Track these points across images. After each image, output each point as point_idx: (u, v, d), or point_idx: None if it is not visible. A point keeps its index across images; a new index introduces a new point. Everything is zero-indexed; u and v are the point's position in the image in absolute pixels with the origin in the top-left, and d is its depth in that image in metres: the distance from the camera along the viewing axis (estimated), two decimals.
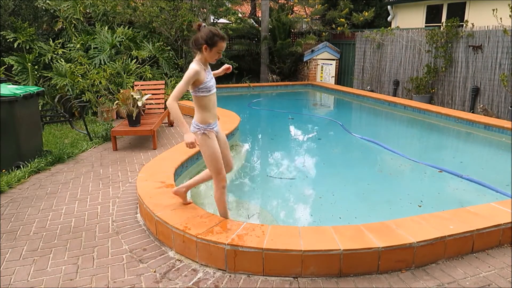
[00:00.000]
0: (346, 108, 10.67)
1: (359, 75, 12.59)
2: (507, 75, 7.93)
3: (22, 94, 4.80)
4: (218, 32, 2.84)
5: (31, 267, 2.85)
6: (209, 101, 2.97)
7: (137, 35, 9.55)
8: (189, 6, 10.84)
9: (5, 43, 8.56)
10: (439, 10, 11.27)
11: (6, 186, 4.33)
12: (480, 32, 8.60)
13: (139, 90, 6.32)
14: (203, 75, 2.88)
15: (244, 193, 4.59)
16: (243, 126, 7.61)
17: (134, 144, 6.23)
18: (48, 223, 3.55)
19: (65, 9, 9.04)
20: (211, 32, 2.82)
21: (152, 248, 3.07)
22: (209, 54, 2.87)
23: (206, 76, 2.92)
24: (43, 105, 7.89)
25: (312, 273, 2.66)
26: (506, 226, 3.00)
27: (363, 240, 2.73)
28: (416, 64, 10.35)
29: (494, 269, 2.73)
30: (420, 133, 7.72)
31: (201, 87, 2.88)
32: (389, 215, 3.56)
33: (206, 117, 2.97)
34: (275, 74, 13.78)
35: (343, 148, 6.72)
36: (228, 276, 2.70)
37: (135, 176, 4.69)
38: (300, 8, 15.42)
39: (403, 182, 5.00)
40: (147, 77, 8.41)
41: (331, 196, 4.41)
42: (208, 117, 2.98)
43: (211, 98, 2.98)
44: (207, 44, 2.83)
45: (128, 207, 3.84)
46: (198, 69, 2.82)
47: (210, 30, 2.84)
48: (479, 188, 4.53)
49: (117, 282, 2.66)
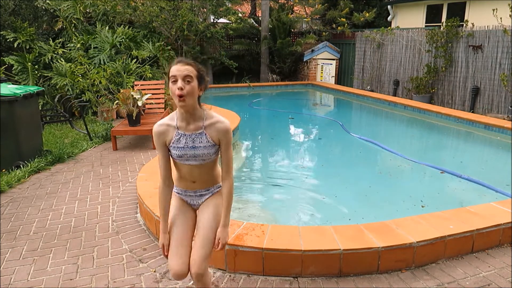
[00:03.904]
0: (346, 108, 10.67)
1: (359, 75, 12.58)
2: (507, 75, 7.93)
3: (22, 93, 4.80)
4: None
5: (31, 267, 2.85)
6: (177, 167, 2.11)
7: (137, 34, 9.55)
8: (189, 6, 10.84)
9: (5, 43, 8.56)
10: (439, 10, 11.27)
11: (6, 186, 4.33)
12: (480, 32, 8.60)
13: (139, 90, 6.32)
14: (167, 136, 2.02)
15: (244, 193, 4.59)
16: (243, 126, 7.60)
17: (134, 144, 6.23)
18: (48, 223, 3.55)
19: (65, 9, 9.03)
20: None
21: (152, 248, 3.07)
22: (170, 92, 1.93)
23: (174, 137, 2.01)
24: (43, 105, 7.89)
25: (312, 273, 2.66)
26: (506, 226, 3.00)
27: (363, 240, 2.73)
28: (416, 64, 10.35)
29: (494, 269, 2.73)
30: (420, 133, 7.72)
31: (169, 147, 2.04)
32: (390, 215, 3.56)
33: (176, 176, 2.17)
34: (275, 74, 13.78)
35: (343, 148, 6.71)
36: (228, 276, 2.70)
37: (135, 175, 4.69)
38: (300, 7, 15.40)
39: (403, 182, 4.99)
40: (147, 76, 8.40)
41: (332, 196, 4.41)
42: (177, 178, 2.16)
43: (181, 166, 2.08)
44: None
45: (128, 207, 3.84)
46: (155, 130, 2.03)
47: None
48: (479, 188, 4.53)
49: (117, 281, 2.66)
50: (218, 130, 2.01)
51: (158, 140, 2.02)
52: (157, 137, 2.02)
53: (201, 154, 2.01)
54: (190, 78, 1.89)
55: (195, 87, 1.92)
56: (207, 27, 11.49)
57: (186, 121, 2.00)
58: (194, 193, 2.17)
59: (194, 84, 1.91)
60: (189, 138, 2.00)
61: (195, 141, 2.00)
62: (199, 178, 2.12)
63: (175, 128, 2.01)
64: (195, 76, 1.91)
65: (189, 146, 2.00)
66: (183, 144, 2.00)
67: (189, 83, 1.89)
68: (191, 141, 2.00)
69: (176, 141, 2.00)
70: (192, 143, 2.00)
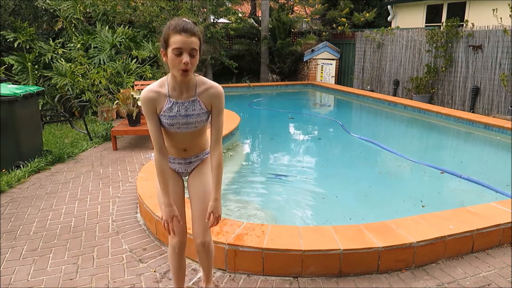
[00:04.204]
0: (346, 108, 10.67)
1: (359, 75, 12.58)
2: (507, 75, 7.93)
3: (22, 93, 4.80)
4: (172, 22, 1.80)
5: (31, 266, 2.85)
6: (168, 134, 2.03)
7: (137, 34, 9.55)
8: (189, 6, 10.84)
9: (5, 43, 8.56)
10: (439, 10, 11.27)
11: (6, 186, 4.33)
12: (480, 32, 8.60)
13: (139, 90, 6.32)
14: (158, 103, 1.92)
15: (244, 193, 4.59)
16: (243, 125, 7.60)
17: (134, 144, 6.23)
18: (48, 222, 3.55)
19: (65, 9, 9.03)
20: (166, 25, 1.83)
21: (152, 248, 3.07)
22: (169, 62, 1.81)
23: (165, 105, 1.92)
24: (43, 104, 7.89)
25: (312, 273, 2.66)
26: (506, 226, 3.00)
27: (363, 240, 2.73)
28: (416, 64, 10.35)
29: (494, 269, 2.73)
30: (420, 133, 7.72)
31: (160, 115, 1.95)
32: (390, 215, 3.56)
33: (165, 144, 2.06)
34: (275, 74, 13.77)
35: (343, 148, 6.71)
36: (228, 276, 2.70)
37: (135, 175, 4.69)
38: (300, 7, 15.40)
39: (403, 182, 4.99)
40: (148, 76, 8.41)
41: (332, 196, 4.41)
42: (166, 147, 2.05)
43: (172, 134, 2.02)
44: (162, 46, 1.84)
45: (128, 207, 3.84)
46: (144, 96, 1.90)
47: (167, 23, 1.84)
48: (479, 188, 4.53)
49: (117, 281, 2.66)
50: (211, 95, 1.95)
51: (148, 106, 1.90)
52: (147, 104, 1.89)
53: (193, 121, 1.96)
54: (196, 51, 1.79)
55: (198, 59, 1.82)
56: (207, 27, 11.49)
57: (179, 90, 1.92)
58: (184, 160, 2.13)
59: (198, 56, 1.82)
60: (181, 106, 1.92)
61: (188, 109, 1.94)
62: (189, 145, 2.08)
63: (166, 96, 1.91)
64: (198, 47, 1.81)
65: (182, 114, 1.93)
66: (175, 112, 1.92)
67: (193, 57, 1.79)
68: (183, 109, 1.93)
69: (168, 110, 1.92)
70: (185, 111, 1.93)
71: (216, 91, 1.96)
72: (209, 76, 12.81)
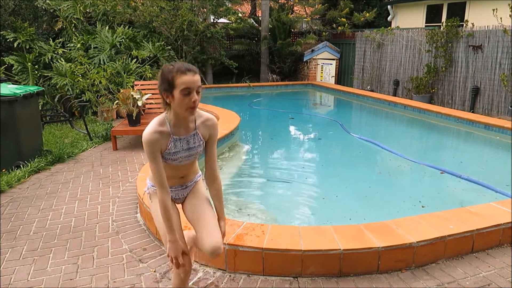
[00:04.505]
0: (346, 108, 10.67)
1: (359, 75, 12.58)
2: (507, 75, 7.93)
3: (22, 93, 4.80)
4: (172, 65, 1.85)
5: (31, 266, 2.85)
6: (168, 167, 2.05)
7: (137, 34, 9.55)
8: (189, 6, 10.84)
9: (5, 43, 8.57)
10: (439, 10, 11.27)
11: (6, 186, 4.33)
12: (480, 32, 8.60)
13: (139, 90, 6.32)
14: (162, 143, 1.94)
15: (244, 193, 4.59)
16: (243, 126, 7.60)
17: (134, 144, 6.23)
18: (48, 222, 3.55)
19: (65, 9, 9.04)
20: (164, 70, 1.86)
21: (152, 248, 3.07)
22: (176, 102, 1.84)
23: (169, 143, 1.95)
24: (43, 104, 7.89)
25: (312, 273, 2.66)
26: (506, 226, 3.00)
27: (363, 240, 2.73)
28: (416, 64, 10.35)
29: (494, 269, 2.73)
30: (420, 133, 7.72)
31: (164, 153, 1.98)
32: (390, 215, 3.56)
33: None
34: (275, 74, 13.77)
35: (343, 148, 6.71)
36: (228, 276, 2.70)
37: (135, 175, 4.70)
38: (300, 7, 15.40)
39: (403, 182, 4.99)
40: (147, 76, 8.41)
41: (332, 196, 4.41)
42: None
43: (172, 166, 2.06)
44: (165, 90, 1.85)
45: (128, 207, 3.84)
46: (148, 139, 1.89)
47: (163, 68, 1.89)
48: (479, 188, 4.53)
49: (117, 281, 2.66)
50: (209, 127, 2.06)
51: (153, 148, 1.90)
52: (152, 146, 1.90)
53: (194, 153, 2.07)
54: (201, 88, 1.88)
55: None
56: (207, 27, 11.49)
57: (182, 126, 1.98)
58: (181, 186, 2.20)
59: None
60: (184, 141, 2.00)
61: (190, 143, 2.02)
62: (186, 173, 2.17)
63: (169, 134, 1.95)
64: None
65: (184, 148, 2.01)
66: (179, 148, 1.99)
67: (198, 93, 1.86)
68: (185, 143, 2.01)
69: (172, 147, 1.97)
70: (187, 144, 2.01)
71: (213, 123, 2.07)
72: (209, 76, 12.83)
